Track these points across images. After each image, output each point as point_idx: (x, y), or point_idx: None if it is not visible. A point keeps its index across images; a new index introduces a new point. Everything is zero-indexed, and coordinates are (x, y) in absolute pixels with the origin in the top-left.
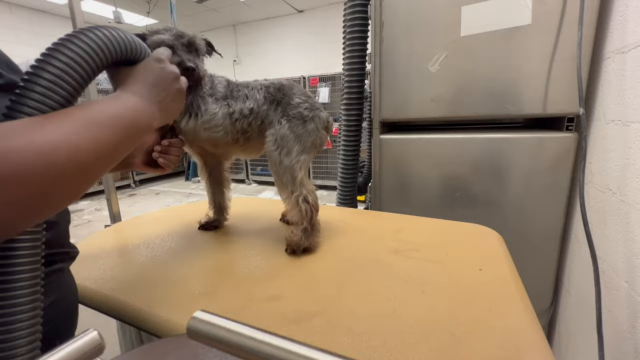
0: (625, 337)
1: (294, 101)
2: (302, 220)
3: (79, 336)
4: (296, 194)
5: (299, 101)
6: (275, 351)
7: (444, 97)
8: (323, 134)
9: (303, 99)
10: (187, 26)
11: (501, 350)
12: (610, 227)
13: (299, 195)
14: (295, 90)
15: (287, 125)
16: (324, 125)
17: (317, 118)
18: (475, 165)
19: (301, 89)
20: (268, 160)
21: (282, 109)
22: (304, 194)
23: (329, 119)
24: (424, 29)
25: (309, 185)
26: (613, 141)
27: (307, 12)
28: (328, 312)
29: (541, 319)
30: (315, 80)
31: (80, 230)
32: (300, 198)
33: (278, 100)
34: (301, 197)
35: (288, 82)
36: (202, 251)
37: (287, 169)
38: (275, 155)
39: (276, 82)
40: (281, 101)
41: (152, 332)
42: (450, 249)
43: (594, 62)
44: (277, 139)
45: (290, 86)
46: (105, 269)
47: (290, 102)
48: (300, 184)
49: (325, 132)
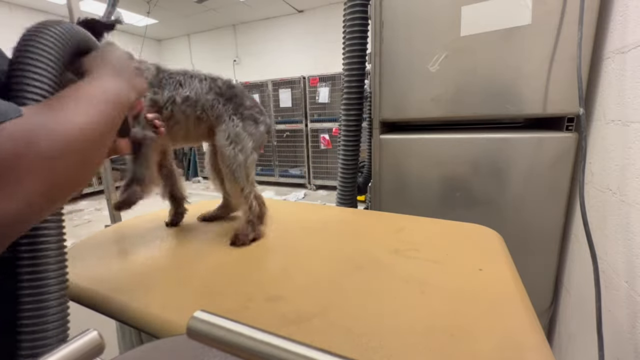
0: (625, 337)
1: (247, 104)
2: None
3: (79, 336)
4: (247, 191)
5: (251, 104)
6: (275, 351)
7: (444, 97)
8: (266, 136)
9: (254, 103)
10: (187, 26)
11: (501, 351)
12: (610, 227)
13: (250, 192)
14: (245, 94)
15: (241, 124)
16: (268, 129)
17: (265, 123)
18: (475, 165)
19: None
20: (219, 155)
21: (234, 108)
22: (254, 191)
23: (272, 123)
24: (424, 29)
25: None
26: (613, 141)
27: (307, 12)
28: (328, 313)
29: (541, 319)
30: (315, 80)
31: (80, 230)
32: (252, 195)
33: (228, 97)
34: (252, 194)
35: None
36: (202, 251)
37: (242, 165)
38: (229, 150)
39: (224, 78)
40: (232, 99)
41: (152, 333)
42: (450, 249)
43: (594, 62)
44: (231, 135)
45: (241, 89)
46: (105, 269)
47: (243, 104)
48: (251, 182)
49: (268, 135)
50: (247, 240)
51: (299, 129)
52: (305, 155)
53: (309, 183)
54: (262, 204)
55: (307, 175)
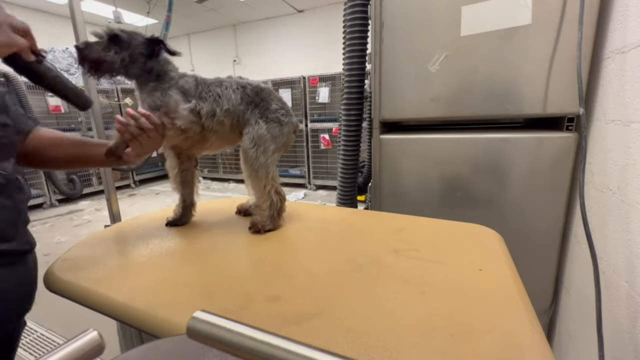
0: (625, 337)
1: (272, 107)
2: (271, 208)
3: (79, 336)
4: (269, 187)
5: (277, 107)
6: (275, 351)
7: (444, 97)
8: (293, 136)
9: (280, 105)
10: (187, 26)
11: (501, 351)
12: (610, 227)
13: (271, 188)
14: (272, 96)
15: (265, 127)
16: (294, 129)
17: (291, 123)
18: (475, 165)
19: (277, 95)
20: (242, 155)
21: (260, 112)
22: (275, 187)
23: (298, 123)
24: (424, 29)
25: (277, 179)
26: (613, 141)
27: (307, 12)
28: (328, 313)
29: (541, 319)
30: (315, 80)
31: (80, 230)
32: (273, 191)
33: (256, 103)
34: (273, 190)
35: (266, 86)
36: (202, 251)
37: (263, 165)
38: (252, 152)
39: (254, 83)
40: (259, 104)
41: (152, 333)
42: (450, 249)
43: (594, 62)
44: (255, 138)
45: (268, 92)
46: (104, 269)
47: (268, 107)
48: (272, 178)
49: (294, 135)
50: (264, 229)
51: (299, 129)
52: (305, 155)
53: (309, 183)
54: (283, 199)
55: (307, 175)
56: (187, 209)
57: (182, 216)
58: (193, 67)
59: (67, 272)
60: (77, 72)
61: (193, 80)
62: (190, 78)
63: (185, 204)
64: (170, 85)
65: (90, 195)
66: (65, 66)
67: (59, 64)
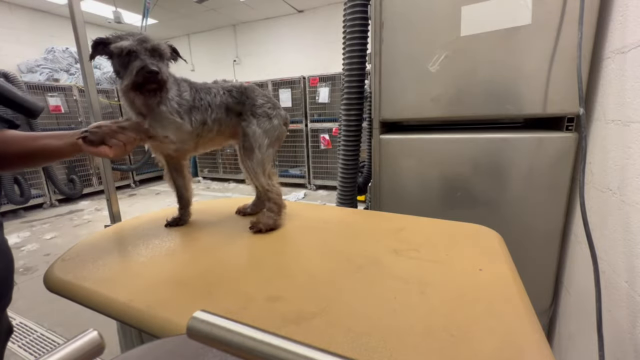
0: (625, 337)
1: (258, 102)
2: (270, 205)
3: (79, 336)
4: (267, 186)
5: (263, 102)
6: (275, 351)
7: (444, 97)
8: (284, 129)
9: (265, 100)
10: (187, 26)
11: (501, 351)
12: (610, 227)
13: (271, 186)
14: (256, 92)
15: (256, 122)
16: (284, 122)
17: (279, 115)
18: (476, 165)
19: (261, 90)
20: (239, 154)
21: (248, 109)
22: (271, 184)
23: (287, 116)
24: (424, 29)
25: (274, 176)
26: (613, 141)
27: (307, 12)
28: (328, 313)
29: (541, 319)
30: (315, 80)
31: (80, 230)
32: (273, 189)
33: (242, 102)
34: (274, 190)
35: (249, 84)
36: (201, 251)
37: (259, 161)
38: (247, 148)
39: (237, 84)
40: (245, 102)
41: (152, 333)
42: (450, 249)
43: (594, 62)
44: (247, 135)
45: (252, 89)
46: (104, 269)
47: (254, 103)
48: (268, 175)
49: (285, 127)
50: (264, 228)
51: (298, 129)
52: (305, 155)
53: (309, 183)
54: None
55: (307, 175)
56: (185, 205)
57: (181, 215)
58: (193, 67)
59: (67, 272)
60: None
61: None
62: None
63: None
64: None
65: (90, 195)
66: (65, 66)
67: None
